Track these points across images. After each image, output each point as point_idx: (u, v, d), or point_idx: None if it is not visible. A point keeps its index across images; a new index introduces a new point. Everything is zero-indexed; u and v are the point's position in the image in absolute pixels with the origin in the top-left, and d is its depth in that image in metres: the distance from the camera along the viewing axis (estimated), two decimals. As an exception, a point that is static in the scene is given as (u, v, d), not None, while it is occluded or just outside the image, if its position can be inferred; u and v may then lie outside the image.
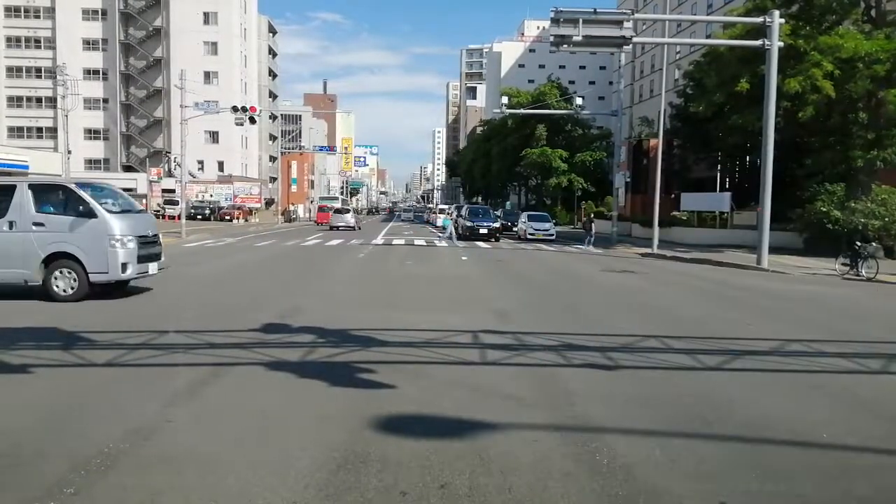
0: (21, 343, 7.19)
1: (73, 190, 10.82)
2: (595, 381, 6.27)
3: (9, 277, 10.50)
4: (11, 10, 66.40)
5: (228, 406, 5.25)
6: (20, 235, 10.34)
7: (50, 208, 10.64)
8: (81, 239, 10.40)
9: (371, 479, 3.82)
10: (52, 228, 10.41)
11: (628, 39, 20.19)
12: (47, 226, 10.42)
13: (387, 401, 5.35)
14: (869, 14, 25.30)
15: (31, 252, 10.35)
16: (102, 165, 68.08)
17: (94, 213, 10.48)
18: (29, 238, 10.34)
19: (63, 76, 42.26)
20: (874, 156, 23.66)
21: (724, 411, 5.36)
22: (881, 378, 6.97)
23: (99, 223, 10.46)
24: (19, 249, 10.33)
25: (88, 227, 10.42)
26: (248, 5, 73.78)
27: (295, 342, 7.56)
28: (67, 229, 10.41)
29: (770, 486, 3.90)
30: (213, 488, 3.69)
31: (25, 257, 10.34)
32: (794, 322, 10.33)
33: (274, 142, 79.56)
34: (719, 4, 54.36)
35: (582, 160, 54.99)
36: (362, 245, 27.14)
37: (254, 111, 33.77)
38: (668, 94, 34.35)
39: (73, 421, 4.85)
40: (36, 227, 10.38)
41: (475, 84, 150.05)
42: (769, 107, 20.18)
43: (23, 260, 10.35)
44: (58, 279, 10.42)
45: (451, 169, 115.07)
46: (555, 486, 3.80)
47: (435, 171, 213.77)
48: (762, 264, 19.68)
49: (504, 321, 9.36)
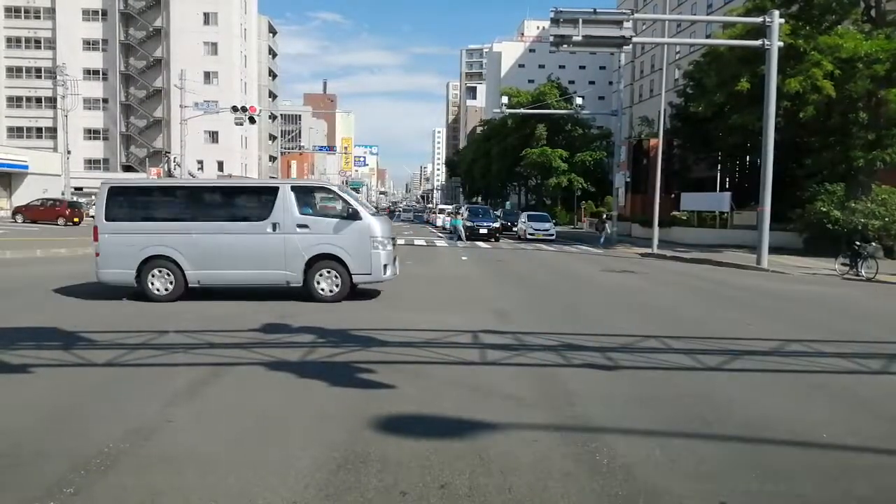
0: (21, 343, 7.19)
1: (336, 192, 11.01)
2: (595, 381, 6.27)
3: (271, 278, 10.64)
4: (11, 10, 66.33)
5: (228, 406, 5.25)
6: (284, 237, 10.48)
7: (312, 210, 10.76)
8: (345, 240, 10.53)
9: (371, 479, 3.82)
10: (316, 230, 10.55)
11: (628, 39, 20.20)
12: (311, 227, 10.55)
13: (387, 401, 5.35)
14: (869, 14, 25.30)
15: (294, 253, 10.48)
16: (102, 165, 68.05)
17: (358, 214, 10.62)
18: (293, 240, 10.48)
19: (63, 76, 42.31)
20: (874, 156, 23.66)
21: (724, 411, 5.36)
22: (881, 378, 6.97)
23: (362, 225, 10.59)
24: (282, 251, 10.48)
25: (352, 228, 10.55)
26: (248, 5, 73.76)
27: (295, 342, 7.57)
28: (332, 231, 10.55)
29: (770, 486, 3.90)
30: (213, 488, 3.69)
31: (289, 259, 10.48)
32: (794, 322, 10.33)
33: (274, 142, 79.59)
34: (719, 4, 54.35)
35: (582, 160, 54.98)
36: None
37: (253, 111, 33.82)
38: (668, 94, 34.33)
39: (73, 421, 4.85)
40: (300, 228, 10.50)
41: (475, 84, 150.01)
42: (769, 107, 20.18)
43: (286, 261, 10.50)
44: (321, 280, 10.55)
45: (451, 169, 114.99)
46: (555, 486, 3.80)
47: (435, 171, 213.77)
48: (762, 264, 19.69)
49: (504, 321, 9.37)
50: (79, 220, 35.30)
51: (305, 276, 10.57)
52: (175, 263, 10.50)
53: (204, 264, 10.52)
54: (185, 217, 10.71)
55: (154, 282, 10.55)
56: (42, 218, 34.97)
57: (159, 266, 10.51)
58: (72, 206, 36.75)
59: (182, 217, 10.73)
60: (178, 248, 10.48)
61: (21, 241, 21.87)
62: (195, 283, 10.62)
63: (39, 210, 35.94)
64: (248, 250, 10.50)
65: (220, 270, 10.60)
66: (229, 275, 10.66)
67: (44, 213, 35.43)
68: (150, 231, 10.60)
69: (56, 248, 19.54)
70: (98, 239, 10.64)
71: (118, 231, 10.57)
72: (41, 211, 35.79)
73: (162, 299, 10.46)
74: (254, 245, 10.50)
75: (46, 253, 18.83)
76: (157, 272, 10.53)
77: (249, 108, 34.23)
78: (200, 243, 10.49)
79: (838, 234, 21.99)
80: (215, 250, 10.50)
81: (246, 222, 10.64)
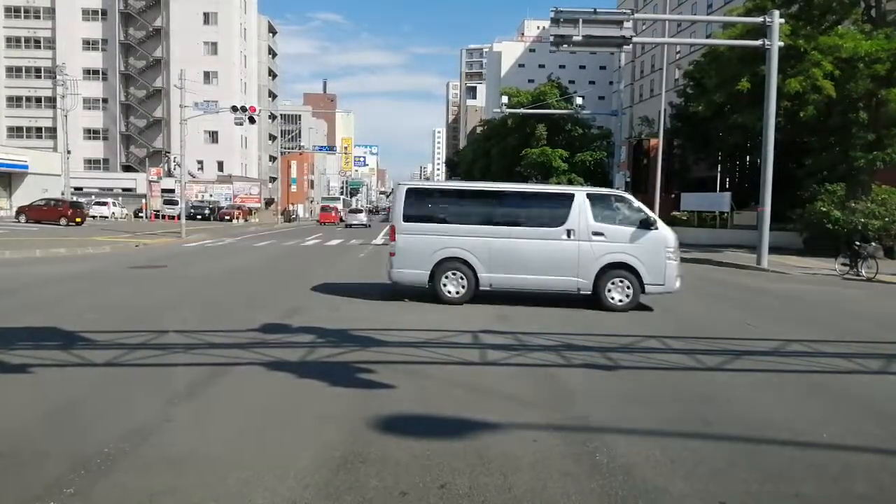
0: (21, 343, 7.19)
1: (631, 200, 10.96)
2: (595, 381, 6.27)
3: (562, 285, 10.66)
4: (11, 10, 66.37)
5: (228, 406, 5.25)
6: (578, 244, 10.49)
7: (606, 218, 10.69)
8: (640, 250, 10.50)
9: (371, 479, 3.82)
10: (611, 238, 10.53)
11: (628, 39, 20.18)
12: (606, 236, 10.52)
13: (387, 401, 5.35)
14: (869, 14, 25.31)
15: (588, 261, 10.48)
16: (102, 165, 68.09)
17: (655, 224, 10.60)
18: (586, 247, 10.47)
19: (63, 76, 42.30)
20: (874, 156, 23.66)
21: (724, 411, 5.36)
22: (881, 378, 6.97)
23: (658, 235, 10.57)
24: (576, 258, 10.49)
25: (648, 238, 10.52)
26: (248, 5, 73.79)
27: (295, 342, 7.56)
28: (628, 240, 10.52)
29: (770, 486, 3.90)
30: (213, 488, 3.69)
31: (582, 266, 10.49)
32: (793, 322, 10.33)
33: (274, 142, 79.58)
34: (719, 4, 54.37)
35: (582, 160, 54.94)
36: (362, 245, 27.13)
37: (253, 111, 33.74)
38: (668, 94, 34.36)
39: (73, 421, 4.85)
40: (595, 236, 10.49)
41: (475, 84, 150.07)
42: (769, 107, 20.18)
43: (578, 268, 10.50)
44: (612, 289, 10.53)
45: (451, 169, 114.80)
46: (555, 486, 3.80)
47: (435, 171, 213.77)
48: (762, 264, 19.68)
49: (504, 321, 9.36)
50: (81, 220, 35.22)
51: (596, 284, 10.54)
52: (468, 266, 10.59)
53: (497, 268, 10.59)
54: (481, 220, 10.76)
55: (447, 284, 10.69)
56: (45, 218, 34.96)
57: (453, 268, 10.63)
58: (74, 206, 36.72)
59: (478, 220, 10.78)
60: (473, 250, 10.58)
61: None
62: (487, 286, 10.70)
63: (43, 210, 35.94)
64: (541, 256, 10.52)
65: (512, 275, 10.64)
66: (520, 279, 10.68)
67: (47, 214, 35.43)
68: (445, 233, 10.70)
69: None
70: (395, 239, 10.76)
71: (414, 232, 10.70)
72: (44, 211, 35.79)
73: (454, 301, 10.56)
74: (547, 251, 10.52)
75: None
76: (450, 274, 10.67)
77: (249, 108, 34.15)
78: (495, 247, 10.57)
79: (838, 234, 21.98)
80: (509, 254, 10.55)
81: (541, 228, 10.65)
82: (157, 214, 53.17)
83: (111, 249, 20.83)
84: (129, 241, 24.46)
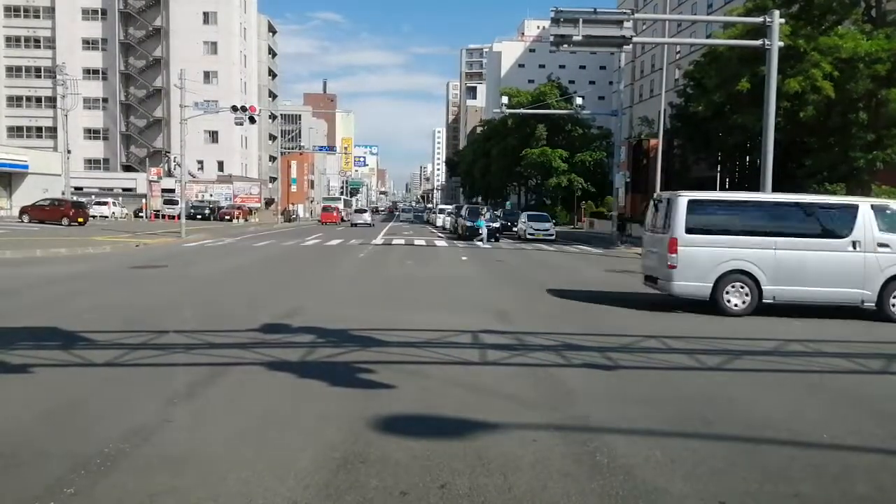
0: (21, 343, 7.19)
1: None
2: (595, 381, 6.27)
3: (845, 298, 10.48)
4: (11, 10, 66.31)
5: (228, 406, 5.25)
6: (864, 256, 10.30)
7: (891, 228, 10.49)
8: None
9: (371, 479, 3.82)
10: None
11: (628, 39, 20.17)
12: (893, 247, 10.36)
13: (387, 401, 5.35)
14: (869, 14, 25.33)
15: (873, 273, 10.31)
16: (102, 165, 68.05)
17: None
18: (872, 259, 10.31)
19: (63, 76, 42.26)
20: (874, 156, 23.67)
21: (724, 411, 5.37)
22: (881, 378, 6.98)
23: None
24: (861, 270, 10.30)
25: None
26: (248, 5, 73.74)
27: (295, 342, 7.56)
28: None
29: (770, 486, 3.90)
30: (213, 488, 3.69)
31: (867, 278, 10.31)
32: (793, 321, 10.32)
33: (274, 142, 79.55)
34: (719, 4, 54.36)
35: (582, 160, 54.99)
36: (362, 245, 27.13)
37: (253, 111, 33.69)
38: (668, 94, 34.35)
39: (73, 421, 4.85)
40: (880, 248, 10.34)
41: (475, 84, 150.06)
42: (769, 107, 20.16)
43: (863, 281, 10.33)
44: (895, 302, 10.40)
45: (451, 169, 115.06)
46: (555, 486, 3.80)
47: (435, 171, 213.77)
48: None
49: (504, 321, 9.36)
50: (84, 220, 35.16)
51: (880, 297, 10.36)
52: (752, 278, 10.43)
53: (781, 280, 10.39)
54: (766, 231, 10.61)
55: (730, 296, 10.49)
56: (48, 218, 34.96)
57: (736, 280, 10.47)
58: (76, 206, 36.70)
59: (762, 231, 10.62)
60: (757, 262, 10.40)
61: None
62: (770, 298, 10.48)
63: (45, 210, 35.93)
64: (826, 267, 10.33)
65: (796, 287, 10.42)
66: (803, 292, 10.47)
67: (49, 213, 35.43)
68: (729, 245, 10.52)
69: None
70: (676, 251, 10.55)
71: (697, 244, 10.51)
72: (47, 211, 35.78)
73: (736, 314, 10.36)
74: (832, 263, 10.33)
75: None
76: (732, 287, 10.49)
77: (249, 107, 34.11)
78: (779, 259, 10.39)
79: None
80: (794, 266, 10.37)
81: (826, 239, 10.48)
82: (157, 214, 53.15)
83: (111, 249, 20.84)
84: (129, 240, 24.45)
